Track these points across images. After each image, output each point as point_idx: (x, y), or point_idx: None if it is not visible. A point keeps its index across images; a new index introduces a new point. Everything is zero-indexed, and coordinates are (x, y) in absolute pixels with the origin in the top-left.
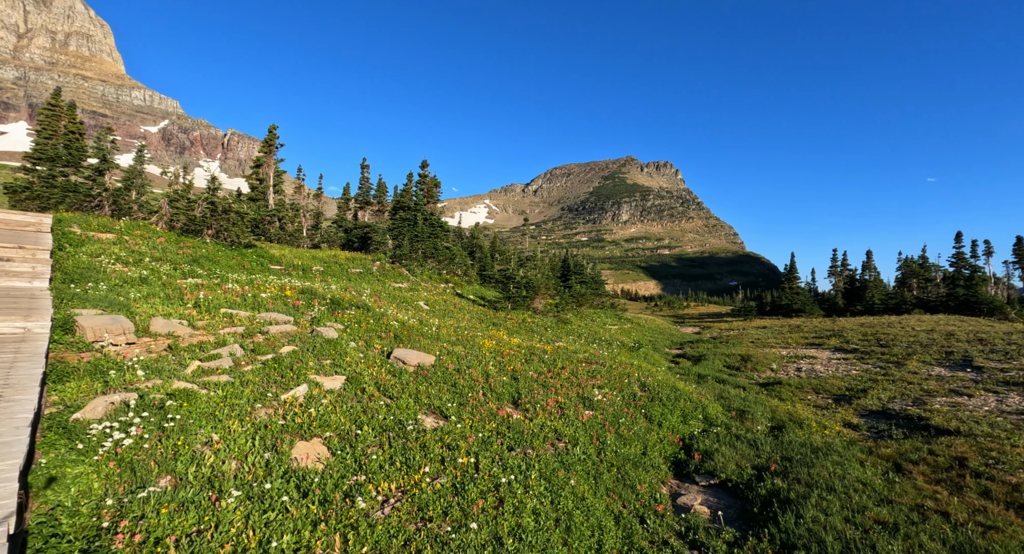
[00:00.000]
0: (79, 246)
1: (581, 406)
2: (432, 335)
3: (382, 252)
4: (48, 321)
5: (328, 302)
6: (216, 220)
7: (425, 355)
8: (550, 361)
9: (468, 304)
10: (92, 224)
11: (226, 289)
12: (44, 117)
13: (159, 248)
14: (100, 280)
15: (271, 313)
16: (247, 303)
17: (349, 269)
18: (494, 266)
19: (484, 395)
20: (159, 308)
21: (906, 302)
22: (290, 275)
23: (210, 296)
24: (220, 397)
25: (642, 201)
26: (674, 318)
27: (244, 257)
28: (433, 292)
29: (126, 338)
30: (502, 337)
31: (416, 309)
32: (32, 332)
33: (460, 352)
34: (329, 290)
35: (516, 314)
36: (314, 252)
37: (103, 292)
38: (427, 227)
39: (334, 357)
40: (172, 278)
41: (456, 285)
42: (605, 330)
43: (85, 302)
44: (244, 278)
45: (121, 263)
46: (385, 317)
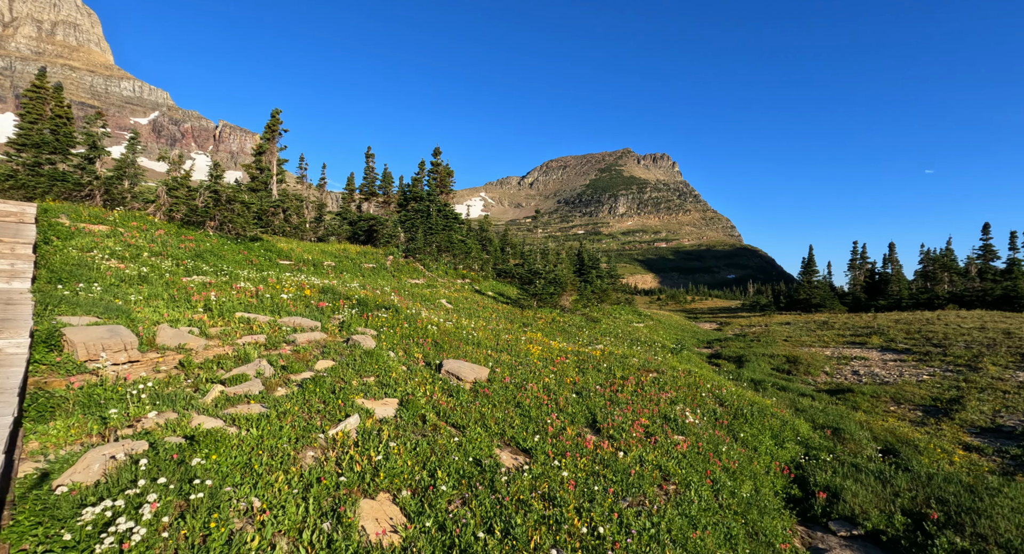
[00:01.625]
0: (68, 239)
1: (669, 429)
2: (472, 341)
3: (394, 245)
4: (26, 337)
5: (355, 303)
6: (220, 211)
7: (478, 368)
8: (606, 369)
9: (490, 302)
10: (83, 215)
11: (238, 288)
12: (28, 100)
13: (158, 242)
14: (93, 279)
15: (294, 317)
16: (264, 305)
17: (362, 264)
18: (508, 260)
19: (557, 417)
20: (164, 313)
21: (938, 297)
22: (301, 271)
23: (222, 297)
24: (255, 438)
25: (639, 194)
26: (684, 313)
27: (251, 251)
28: (451, 289)
29: (128, 355)
30: (542, 340)
31: (439, 308)
32: (4, 354)
33: (507, 360)
34: (351, 289)
35: (544, 313)
36: (323, 246)
37: (97, 294)
38: (441, 219)
39: (378, 373)
40: (175, 276)
41: (473, 281)
42: (633, 328)
43: (75, 307)
44: (255, 275)
45: (117, 259)
46: (419, 320)
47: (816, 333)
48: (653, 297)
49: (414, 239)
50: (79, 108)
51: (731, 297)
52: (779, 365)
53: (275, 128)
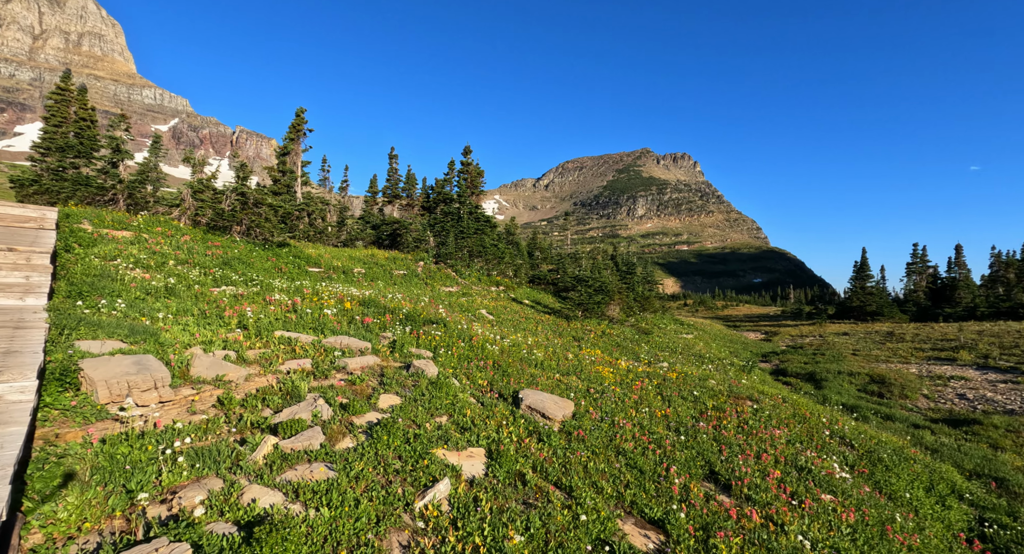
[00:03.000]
0: (90, 246)
1: (813, 485)
2: (535, 362)
3: (423, 250)
4: (34, 377)
5: (402, 318)
6: (247, 215)
7: (562, 402)
8: (691, 397)
9: (530, 312)
10: (106, 220)
11: (272, 301)
12: (53, 103)
13: (184, 248)
14: (116, 292)
15: (339, 337)
16: (305, 322)
17: (392, 271)
18: (540, 266)
19: (669, 467)
20: (195, 332)
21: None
22: (331, 278)
23: (257, 312)
24: (326, 522)
25: (659, 195)
26: (719, 320)
27: (279, 258)
28: (487, 297)
29: (158, 394)
30: (605, 359)
31: (481, 320)
32: (3, 402)
33: (579, 386)
34: (392, 300)
35: (591, 324)
36: (351, 251)
37: (121, 311)
38: (473, 222)
39: (450, 411)
40: (204, 287)
41: (508, 288)
42: (681, 339)
43: (96, 329)
44: (287, 285)
45: (141, 268)
46: (474, 338)
47: (886, 346)
48: (679, 303)
49: (445, 244)
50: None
51: (762, 303)
52: (864, 385)
53: (300, 128)
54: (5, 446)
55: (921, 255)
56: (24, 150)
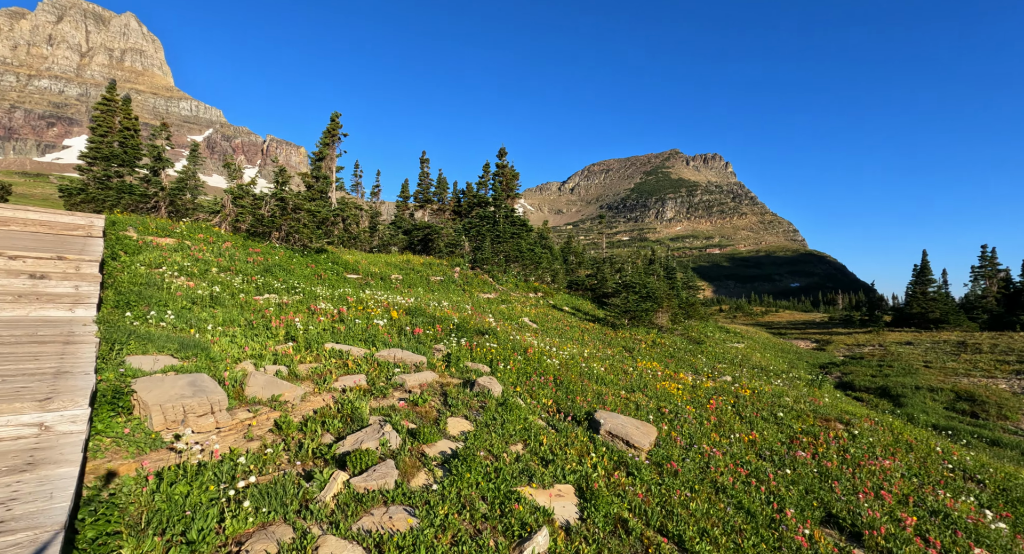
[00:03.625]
0: (135, 254)
1: (961, 536)
2: (596, 376)
3: (458, 255)
4: (86, 404)
5: (452, 328)
6: (286, 220)
7: (643, 426)
8: (771, 417)
9: (574, 319)
10: (150, 227)
11: (317, 310)
12: (99, 113)
13: (226, 255)
14: (164, 302)
15: (392, 350)
16: (354, 333)
17: (429, 277)
18: (577, 271)
19: (781, 508)
20: (244, 345)
21: None
22: (369, 285)
23: (304, 322)
24: None
25: (688, 197)
26: (762, 327)
27: (318, 264)
28: (526, 303)
29: (215, 419)
30: (666, 373)
31: (525, 328)
32: (53, 433)
33: (647, 404)
34: (438, 308)
35: (640, 333)
36: (386, 257)
37: (169, 322)
38: (509, 226)
39: (525, 438)
40: (247, 295)
41: (546, 294)
42: (734, 349)
43: (147, 343)
44: (330, 293)
45: (185, 275)
46: (528, 350)
47: (962, 358)
48: (715, 308)
49: (480, 249)
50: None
51: (803, 308)
52: (950, 403)
53: (334, 132)
54: (55, 495)
55: (990, 258)
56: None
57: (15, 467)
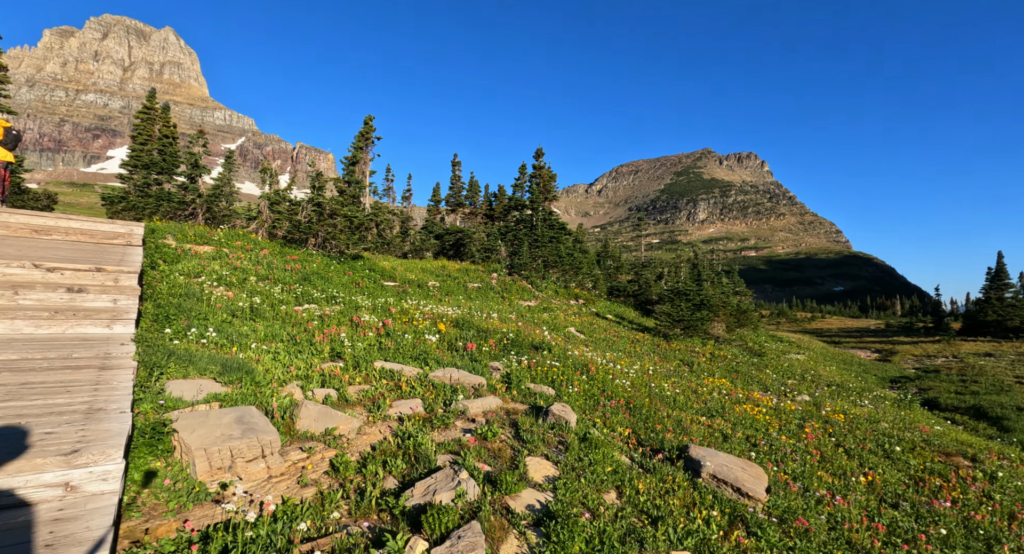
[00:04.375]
0: (174, 263)
1: None
2: (667, 398)
3: (495, 261)
4: (119, 459)
5: (506, 343)
6: (323, 226)
7: (749, 466)
8: (879, 450)
9: (621, 329)
10: (188, 234)
11: (360, 322)
12: (140, 121)
13: (264, 263)
14: (203, 315)
15: (446, 369)
16: (403, 349)
17: (466, 283)
18: (618, 276)
19: None
20: (290, 364)
21: None
22: (407, 293)
23: (349, 336)
24: None
25: (722, 197)
26: (813, 335)
27: (356, 272)
28: (568, 312)
29: (266, 465)
30: (741, 393)
31: (572, 340)
32: (80, 495)
33: (732, 433)
34: (488, 320)
35: (695, 344)
36: (421, 263)
37: (210, 340)
38: (547, 230)
39: (618, 484)
40: (287, 305)
41: (587, 301)
42: (796, 361)
43: (187, 365)
44: (371, 303)
45: (224, 285)
46: (590, 367)
47: None
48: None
49: (517, 253)
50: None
51: (851, 314)
52: None
53: (368, 136)
54: None
55: None
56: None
57: (34, 542)
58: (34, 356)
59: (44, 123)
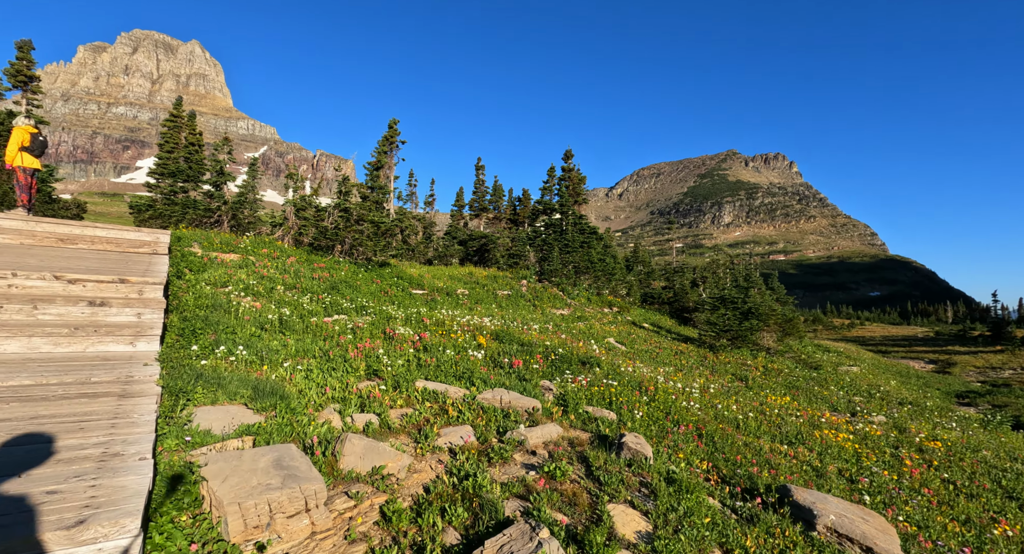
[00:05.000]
0: (200, 272)
1: None
2: (733, 421)
3: (523, 267)
4: (135, 529)
5: (555, 359)
6: (349, 232)
7: (869, 516)
8: (995, 487)
9: (662, 339)
10: (214, 242)
11: (395, 335)
12: (167, 130)
13: (291, 272)
14: (231, 328)
15: (494, 390)
16: (444, 365)
17: (496, 291)
18: (653, 283)
19: None
20: (325, 384)
21: None
22: (435, 301)
23: (385, 352)
24: None
25: (748, 200)
26: (856, 344)
27: (383, 280)
28: (602, 320)
29: (309, 519)
30: (812, 416)
31: (613, 350)
32: None
33: (820, 465)
34: (527, 331)
35: (744, 356)
36: (448, 270)
37: (241, 359)
38: (578, 234)
39: (720, 541)
40: (317, 317)
41: (622, 309)
42: (852, 374)
43: (216, 389)
44: (404, 314)
45: (251, 295)
46: (647, 386)
47: None
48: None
49: (547, 259)
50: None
51: (890, 321)
52: None
53: (392, 140)
54: None
55: None
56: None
57: None
58: (49, 380)
59: (78, 135)
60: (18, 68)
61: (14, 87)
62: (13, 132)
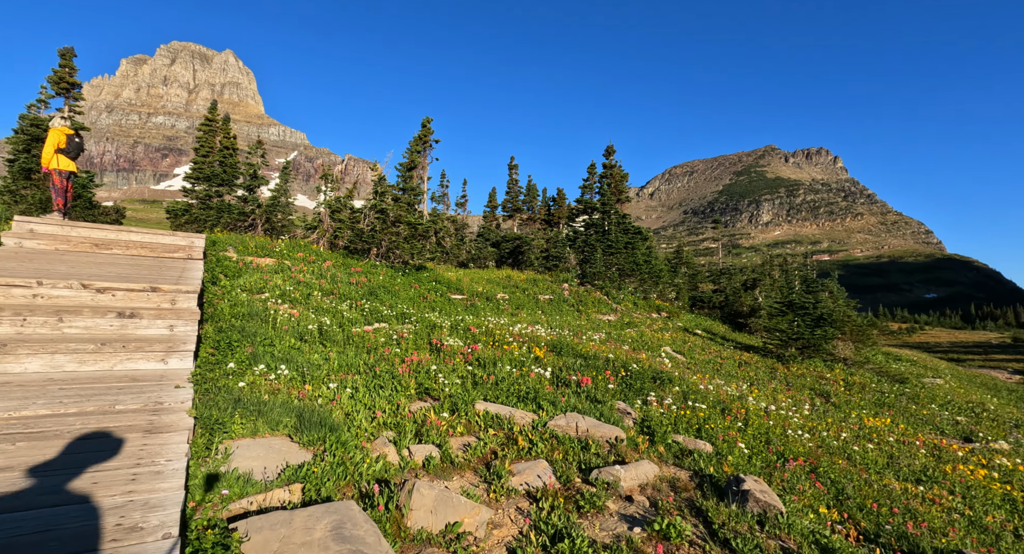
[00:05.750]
0: (235, 277)
1: None
2: (840, 450)
3: (563, 269)
4: None
5: (625, 376)
6: (386, 235)
7: None
8: None
9: (720, 347)
10: (249, 246)
11: (443, 347)
12: (202, 133)
13: (327, 276)
14: (269, 340)
15: (567, 415)
16: (505, 385)
17: (537, 295)
18: (701, 285)
19: None
20: (373, 405)
21: None
22: (475, 306)
23: (437, 367)
24: None
25: (788, 197)
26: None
27: (421, 284)
28: (652, 326)
29: None
30: (916, 437)
31: (672, 361)
32: None
33: (976, 516)
34: (583, 341)
35: (817, 367)
36: (484, 273)
37: (280, 378)
38: (621, 235)
39: None
40: (358, 326)
41: (670, 314)
42: (940, 388)
43: (256, 418)
44: (449, 322)
45: (288, 302)
46: (739, 410)
47: None
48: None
49: (589, 261)
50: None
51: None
52: None
53: (426, 139)
54: None
55: None
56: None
57: None
58: (68, 409)
59: (120, 145)
60: (60, 75)
61: (57, 94)
62: (49, 134)
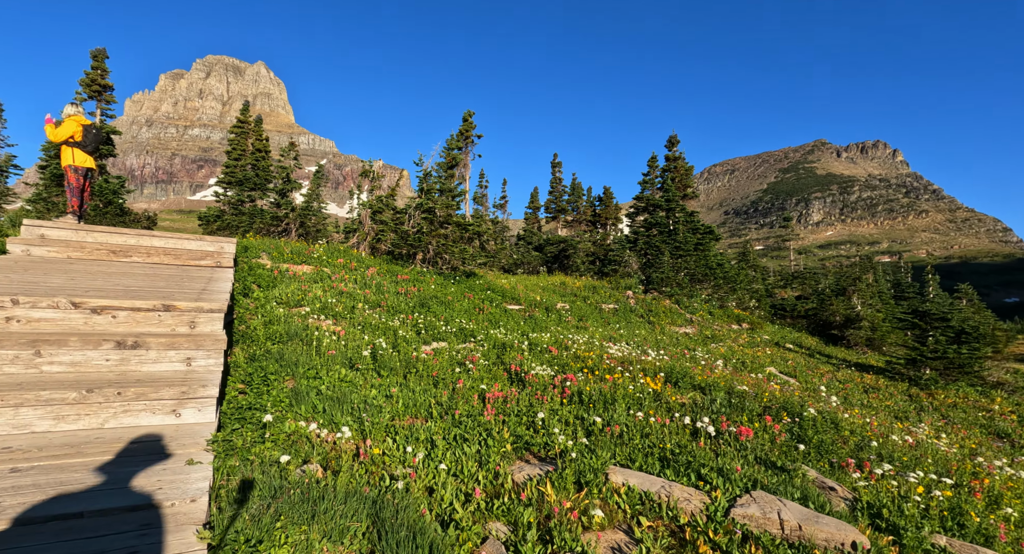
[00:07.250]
0: (270, 288)
1: None
2: None
3: (623, 274)
4: None
5: (791, 422)
6: (434, 237)
7: None
8: None
9: (825, 365)
10: (284, 252)
11: (527, 376)
12: (234, 136)
13: (372, 286)
14: (315, 371)
15: (756, 495)
16: (636, 440)
17: (599, 304)
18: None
19: None
20: (461, 473)
21: None
22: (534, 318)
23: (539, 413)
24: None
25: (841, 195)
26: None
27: (475, 293)
28: (738, 340)
29: None
30: None
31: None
32: None
33: None
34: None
35: (970, 394)
36: (536, 279)
37: (343, 447)
38: (690, 235)
39: None
40: (415, 347)
41: (753, 325)
42: None
43: (310, 521)
44: (518, 341)
45: (331, 316)
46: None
47: None
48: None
49: (653, 265)
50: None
51: None
52: None
53: (468, 134)
54: None
55: None
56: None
57: None
58: (11, 524)
59: (159, 158)
60: (92, 77)
61: (89, 97)
62: (64, 123)
